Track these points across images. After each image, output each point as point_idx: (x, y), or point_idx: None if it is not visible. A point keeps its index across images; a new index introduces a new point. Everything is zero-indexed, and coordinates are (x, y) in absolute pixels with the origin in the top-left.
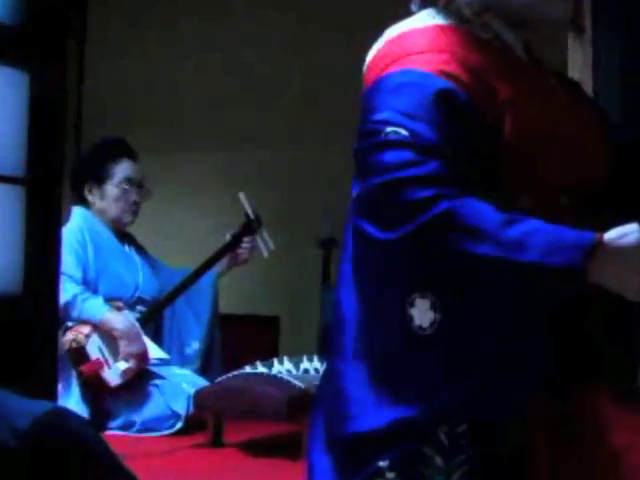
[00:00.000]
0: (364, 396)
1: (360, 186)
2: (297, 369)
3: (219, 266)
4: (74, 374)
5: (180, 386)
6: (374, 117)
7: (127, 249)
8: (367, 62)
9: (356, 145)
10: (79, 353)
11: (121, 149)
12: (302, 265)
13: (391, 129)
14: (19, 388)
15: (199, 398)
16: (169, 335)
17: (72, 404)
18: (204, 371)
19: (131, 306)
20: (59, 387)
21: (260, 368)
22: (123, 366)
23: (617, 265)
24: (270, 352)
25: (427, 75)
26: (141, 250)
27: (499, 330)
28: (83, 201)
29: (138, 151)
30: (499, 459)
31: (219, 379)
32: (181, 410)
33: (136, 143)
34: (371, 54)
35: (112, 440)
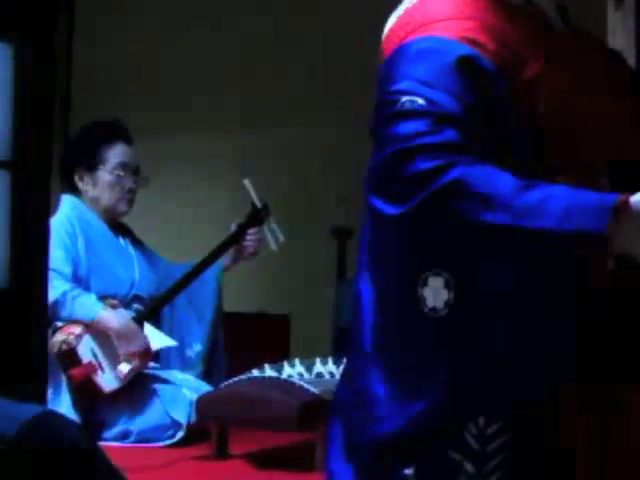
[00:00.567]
0: (384, 394)
1: (372, 160)
2: (310, 373)
3: (223, 260)
4: (64, 379)
5: (181, 392)
6: (391, 88)
7: (122, 242)
8: (385, 31)
9: (373, 119)
10: (70, 356)
11: (115, 131)
12: (315, 258)
13: (407, 98)
14: (7, 391)
15: (202, 405)
16: (168, 336)
17: (62, 412)
18: (207, 375)
19: (127, 304)
20: (48, 392)
21: (269, 372)
22: (126, 368)
23: None
24: (280, 354)
25: (449, 42)
26: (137, 243)
27: (519, 309)
28: (73, 189)
29: (134, 133)
30: (535, 462)
31: (224, 384)
32: (182, 418)
33: (131, 124)
34: (390, 23)
35: (106, 452)
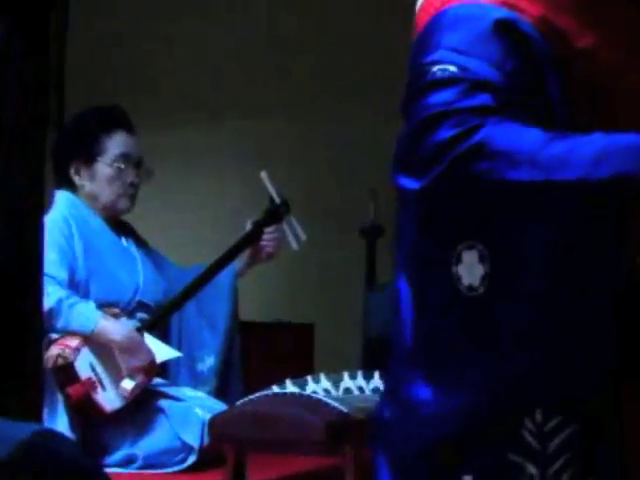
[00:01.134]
0: (430, 395)
1: (398, 138)
2: (337, 389)
3: (238, 262)
4: (60, 397)
5: (192, 411)
6: (423, 60)
7: (124, 242)
8: (419, 3)
9: (403, 98)
10: (66, 372)
11: (115, 119)
12: (341, 259)
13: (438, 68)
14: None
15: (216, 426)
16: (177, 348)
17: None
18: (221, 392)
19: (130, 313)
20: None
21: (291, 388)
22: (129, 385)
23: None
24: (303, 368)
25: (486, 6)
26: (141, 244)
27: (556, 280)
28: (68, 184)
29: (136, 121)
30: (607, 462)
31: (240, 402)
32: (194, 441)
33: (134, 111)
34: None
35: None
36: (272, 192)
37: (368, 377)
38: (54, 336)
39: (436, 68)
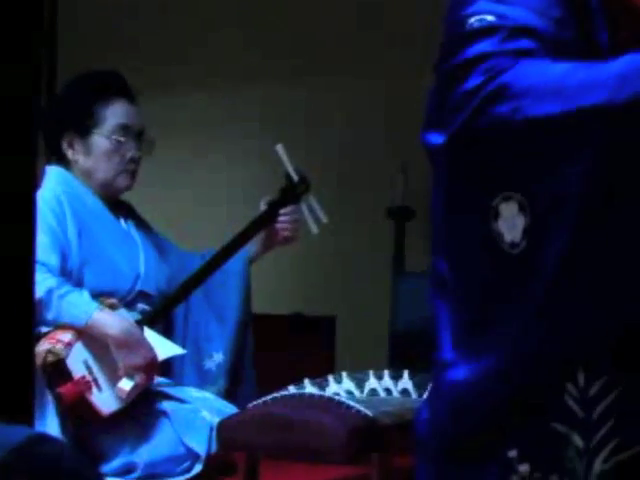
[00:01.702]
0: (467, 370)
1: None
2: (361, 390)
3: (251, 247)
4: (50, 399)
5: (198, 414)
6: (461, 12)
7: (123, 224)
8: None
9: (438, 54)
10: (57, 369)
11: (113, 85)
12: (366, 244)
13: (475, 18)
14: None
15: (225, 431)
16: (182, 344)
17: None
18: (231, 393)
19: (129, 303)
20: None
21: (309, 388)
22: (128, 385)
23: None
24: (323, 366)
25: None
26: (143, 226)
27: (599, 221)
28: (61, 159)
29: (137, 88)
30: None
31: (252, 404)
32: (200, 448)
33: (134, 77)
34: None
35: None
36: (289, 168)
37: (396, 377)
38: (44, 329)
39: (473, 19)
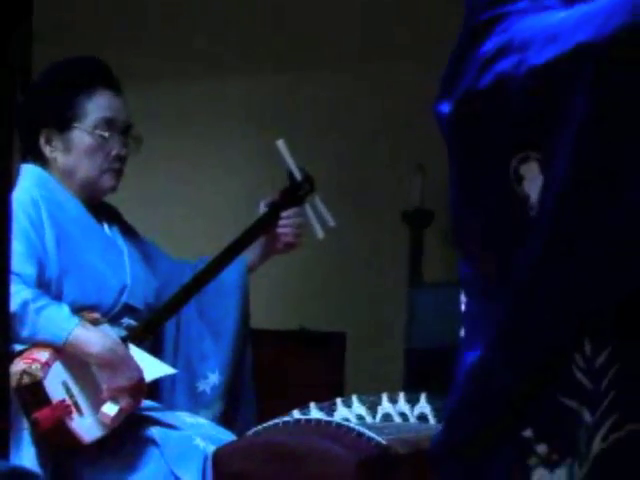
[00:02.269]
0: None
1: None
2: (373, 415)
3: (249, 254)
4: (26, 425)
5: (191, 442)
6: None
7: (107, 230)
8: None
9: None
10: (34, 392)
11: (96, 74)
12: (379, 252)
13: None
14: None
15: (221, 461)
16: (172, 363)
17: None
18: (228, 418)
19: (113, 318)
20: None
21: (315, 413)
22: (112, 410)
23: None
24: (331, 388)
25: None
26: (129, 232)
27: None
28: (37, 156)
29: (122, 78)
30: None
31: (252, 431)
32: (193, 479)
33: (119, 65)
34: None
35: None
36: (291, 166)
37: (412, 400)
38: (18, 348)
39: None
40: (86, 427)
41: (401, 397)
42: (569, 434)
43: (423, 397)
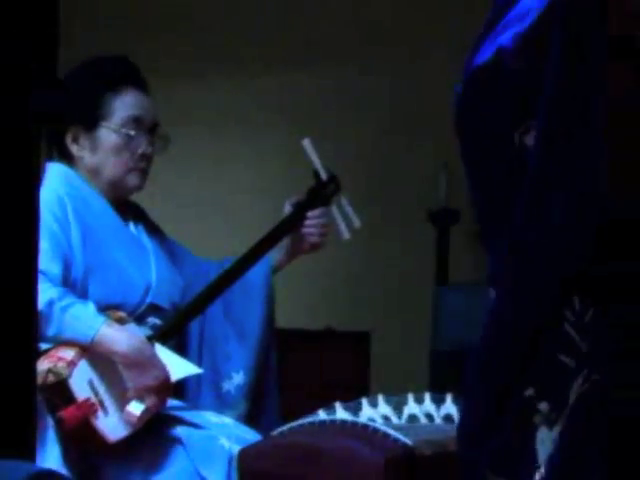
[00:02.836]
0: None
1: None
2: (399, 415)
3: (275, 255)
4: (51, 423)
5: (216, 442)
6: None
7: (133, 229)
8: None
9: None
10: (59, 391)
11: (123, 73)
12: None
13: None
14: None
15: (246, 461)
16: (197, 362)
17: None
18: (253, 418)
19: (139, 317)
20: None
21: (341, 413)
22: (138, 409)
23: None
24: (356, 388)
25: None
26: (154, 231)
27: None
28: (64, 155)
29: (149, 76)
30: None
31: (276, 431)
32: (218, 479)
33: (145, 63)
34: None
35: None
36: (317, 165)
37: (438, 401)
38: (44, 346)
39: None
40: (111, 426)
41: (427, 397)
42: (565, 391)
43: (449, 398)
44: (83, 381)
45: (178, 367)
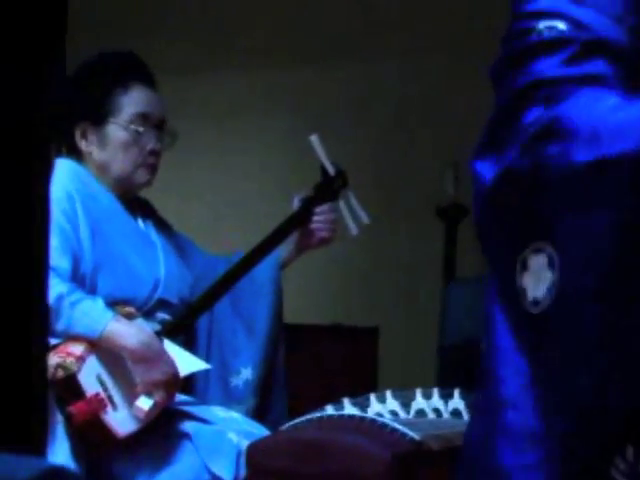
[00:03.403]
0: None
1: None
2: (407, 410)
3: (283, 250)
4: (60, 419)
5: (225, 437)
6: (526, 7)
7: (142, 225)
8: None
9: (496, 61)
10: (68, 386)
11: (131, 69)
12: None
13: (545, 25)
14: None
15: (255, 456)
16: (206, 358)
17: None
18: (261, 413)
19: (148, 312)
20: None
21: (349, 409)
22: (147, 403)
23: None
24: (364, 383)
25: None
26: (163, 227)
27: (630, 272)
28: (73, 151)
29: (157, 72)
30: None
31: (285, 426)
32: (227, 474)
33: (153, 59)
34: None
35: None
36: (324, 161)
37: (446, 396)
38: (53, 341)
39: (543, 25)
40: (120, 421)
41: (435, 392)
42: None
43: (457, 393)
44: (92, 376)
45: (186, 363)
